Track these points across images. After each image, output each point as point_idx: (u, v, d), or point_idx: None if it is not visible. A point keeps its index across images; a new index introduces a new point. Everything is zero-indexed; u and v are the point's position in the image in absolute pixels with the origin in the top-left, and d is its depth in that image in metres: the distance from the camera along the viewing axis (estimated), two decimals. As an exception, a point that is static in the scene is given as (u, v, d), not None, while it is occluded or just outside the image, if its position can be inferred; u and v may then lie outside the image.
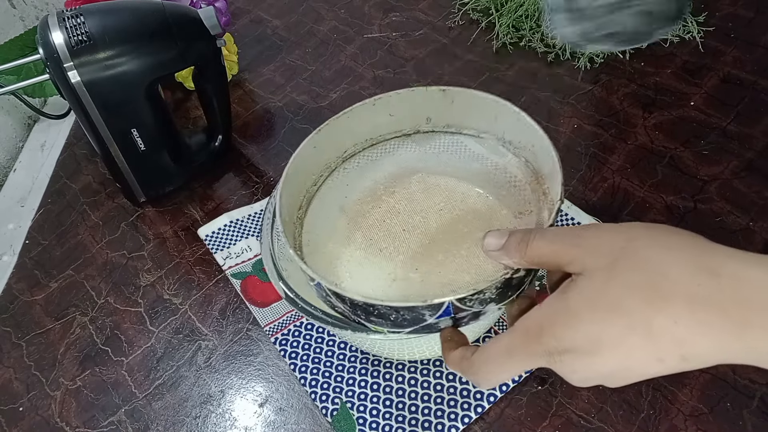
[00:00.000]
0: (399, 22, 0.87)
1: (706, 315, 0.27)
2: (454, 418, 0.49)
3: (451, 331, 0.38)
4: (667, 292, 0.28)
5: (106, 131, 0.61)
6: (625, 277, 0.29)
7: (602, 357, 0.29)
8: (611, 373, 0.30)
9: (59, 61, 0.56)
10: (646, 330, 0.28)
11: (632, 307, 0.29)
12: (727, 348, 0.27)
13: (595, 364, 0.30)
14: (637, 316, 0.28)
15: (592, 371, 0.30)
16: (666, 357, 0.28)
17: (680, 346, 0.28)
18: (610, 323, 0.29)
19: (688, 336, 0.27)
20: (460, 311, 0.37)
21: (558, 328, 0.30)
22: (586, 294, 0.30)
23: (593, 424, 0.47)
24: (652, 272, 0.29)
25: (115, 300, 0.63)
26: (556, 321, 0.31)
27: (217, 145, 0.72)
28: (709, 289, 0.27)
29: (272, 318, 0.57)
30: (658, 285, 0.28)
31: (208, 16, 0.61)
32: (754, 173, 0.60)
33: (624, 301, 0.29)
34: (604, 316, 0.29)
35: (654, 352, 0.28)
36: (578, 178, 0.63)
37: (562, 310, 0.31)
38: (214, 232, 0.65)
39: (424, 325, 0.39)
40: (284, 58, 0.86)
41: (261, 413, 0.53)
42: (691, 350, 0.28)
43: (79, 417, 0.56)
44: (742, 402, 0.46)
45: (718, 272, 0.28)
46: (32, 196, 0.77)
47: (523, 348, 0.32)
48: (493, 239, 0.36)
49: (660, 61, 0.72)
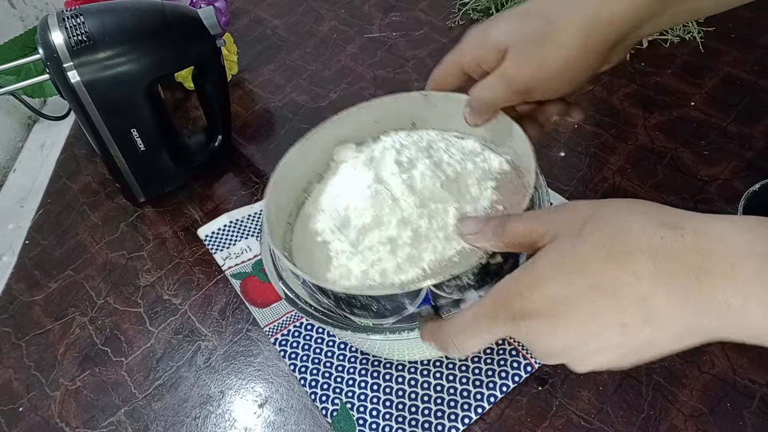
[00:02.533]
0: (399, 22, 0.87)
1: (667, 264, 0.27)
2: (455, 418, 0.49)
3: (428, 313, 0.39)
4: (629, 247, 0.28)
5: (106, 131, 0.61)
6: (590, 239, 0.30)
7: (565, 318, 0.29)
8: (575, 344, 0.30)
9: (59, 61, 0.56)
10: (608, 287, 0.28)
11: (595, 266, 0.29)
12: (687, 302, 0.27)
13: (558, 326, 0.30)
14: (600, 274, 0.29)
15: (556, 337, 0.30)
16: (629, 320, 0.28)
17: (642, 303, 0.28)
18: (573, 282, 0.29)
19: (650, 291, 0.27)
20: (439, 298, 0.38)
21: (523, 290, 0.31)
22: (553, 257, 0.31)
23: (593, 424, 0.47)
24: (615, 231, 0.29)
25: (114, 300, 0.63)
26: (521, 283, 0.31)
27: (217, 145, 0.72)
28: (671, 241, 0.28)
29: (272, 318, 0.57)
30: (620, 241, 0.29)
31: (208, 16, 0.61)
32: (754, 173, 0.60)
33: (587, 261, 0.29)
34: (567, 276, 0.29)
35: (617, 312, 0.28)
36: (579, 178, 0.63)
37: (528, 274, 0.31)
38: (213, 233, 0.65)
39: (406, 315, 0.39)
40: (284, 58, 0.86)
41: (261, 414, 0.53)
42: (653, 308, 0.27)
43: (78, 417, 0.56)
44: (742, 402, 0.46)
45: (680, 226, 0.28)
46: (32, 197, 0.77)
47: (489, 312, 0.32)
48: (471, 223, 0.37)
49: (660, 61, 0.72)
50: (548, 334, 0.30)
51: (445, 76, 0.46)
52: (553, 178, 0.63)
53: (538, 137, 0.46)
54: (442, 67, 0.46)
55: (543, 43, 0.38)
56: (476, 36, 0.42)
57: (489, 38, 0.40)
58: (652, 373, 0.48)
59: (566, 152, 0.66)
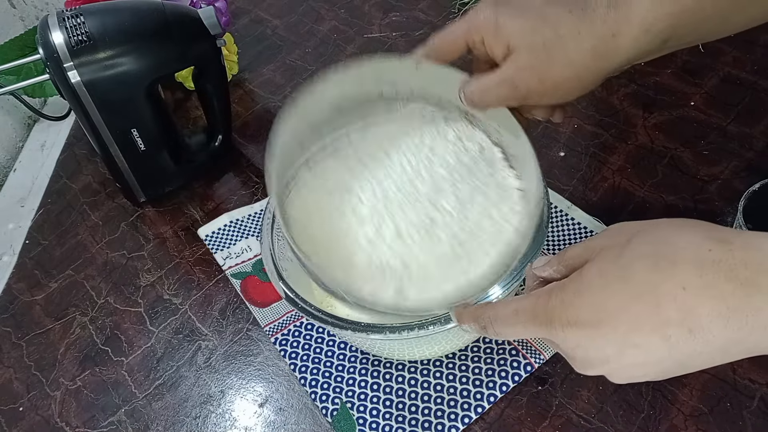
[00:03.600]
0: (399, 22, 0.87)
1: (714, 276, 0.27)
2: (455, 418, 0.49)
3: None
4: (675, 257, 0.28)
5: (106, 131, 0.61)
6: (636, 249, 0.29)
7: (606, 329, 0.29)
8: (615, 355, 0.30)
9: (59, 61, 0.56)
10: (652, 296, 0.28)
11: (640, 275, 0.28)
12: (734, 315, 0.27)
13: (598, 337, 0.29)
14: (644, 283, 0.28)
15: (596, 348, 0.30)
16: (672, 331, 0.28)
17: (687, 314, 0.27)
18: (616, 291, 0.29)
19: (695, 303, 0.27)
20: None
21: (566, 294, 0.30)
22: (598, 266, 0.30)
23: (593, 424, 0.47)
24: (662, 242, 0.29)
25: (115, 300, 0.63)
26: (565, 290, 0.31)
27: (217, 145, 0.72)
28: (719, 253, 0.27)
29: (272, 318, 0.57)
30: (666, 252, 0.28)
31: (208, 16, 0.61)
32: (754, 173, 0.60)
33: (632, 270, 0.29)
34: (611, 285, 0.29)
35: (660, 323, 0.28)
36: (578, 177, 0.63)
37: (573, 282, 0.31)
38: (214, 232, 0.65)
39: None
40: (284, 58, 0.86)
41: (261, 413, 0.53)
42: (698, 319, 0.27)
43: (79, 417, 0.56)
44: (742, 402, 0.46)
45: (729, 240, 0.28)
46: (32, 196, 0.77)
47: (530, 312, 0.32)
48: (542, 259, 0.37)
49: (660, 61, 0.72)
50: (588, 345, 0.30)
51: (450, 44, 0.44)
52: (552, 178, 0.63)
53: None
54: (448, 37, 0.44)
55: (548, 57, 0.38)
56: (489, 21, 0.41)
57: (501, 31, 0.40)
58: (652, 373, 0.48)
59: (566, 152, 0.66)
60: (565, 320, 0.30)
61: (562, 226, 0.58)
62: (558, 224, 0.59)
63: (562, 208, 0.60)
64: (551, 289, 0.32)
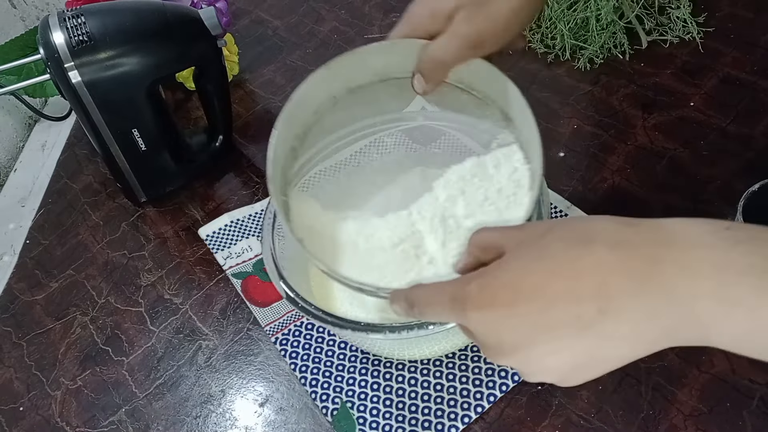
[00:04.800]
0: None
1: (623, 252, 0.28)
2: (454, 417, 0.49)
3: None
4: (591, 237, 0.29)
5: (107, 131, 0.61)
6: (555, 234, 0.30)
7: (521, 308, 0.29)
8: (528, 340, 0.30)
9: (60, 62, 0.56)
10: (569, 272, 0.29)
11: (558, 253, 0.29)
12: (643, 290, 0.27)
13: (512, 317, 0.29)
14: (561, 259, 0.29)
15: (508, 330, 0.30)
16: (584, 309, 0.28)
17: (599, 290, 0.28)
18: (533, 270, 0.30)
19: (607, 279, 0.28)
20: None
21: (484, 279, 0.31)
22: (517, 252, 0.31)
23: (593, 423, 0.47)
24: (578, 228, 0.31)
25: (115, 300, 0.63)
26: (484, 274, 0.31)
27: (218, 146, 0.72)
28: (628, 234, 0.29)
29: (273, 318, 0.58)
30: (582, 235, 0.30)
31: (209, 17, 0.61)
32: (754, 173, 0.60)
33: (550, 249, 0.30)
34: (528, 265, 0.30)
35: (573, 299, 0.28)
36: (578, 178, 0.63)
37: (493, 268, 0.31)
38: (214, 232, 0.65)
39: None
40: (285, 58, 0.86)
41: (261, 413, 0.53)
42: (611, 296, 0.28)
43: (79, 417, 0.56)
44: (742, 402, 0.46)
45: (637, 224, 0.30)
46: (33, 196, 0.77)
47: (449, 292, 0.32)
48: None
49: (660, 61, 0.72)
50: (501, 326, 0.30)
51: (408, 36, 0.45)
52: (552, 179, 0.63)
53: None
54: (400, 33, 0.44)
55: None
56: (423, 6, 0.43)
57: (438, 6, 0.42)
58: (652, 373, 0.49)
59: (565, 152, 0.66)
60: (479, 303, 0.30)
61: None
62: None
63: (561, 209, 0.60)
64: (471, 276, 0.32)
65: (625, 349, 0.29)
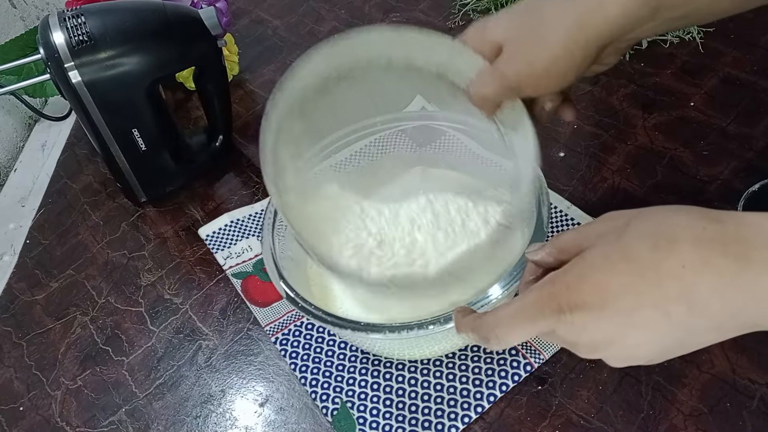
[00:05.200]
0: (399, 22, 0.87)
1: (710, 253, 0.28)
2: (454, 417, 0.49)
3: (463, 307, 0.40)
4: (674, 236, 0.29)
5: (107, 131, 0.61)
6: (636, 231, 0.30)
7: (611, 309, 0.30)
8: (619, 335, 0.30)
9: (60, 61, 0.56)
10: (654, 274, 0.29)
11: (640, 254, 0.29)
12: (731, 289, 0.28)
13: (604, 318, 0.30)
14: (646, 261, 0.29)
15: (601, 328, 0.30)
16: (673, 308, 0.29)
17: (686, 291, 0.28)
18: (619, 271, 0.30)
19: (694, 279, 0.28)
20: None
21: (570, 281, 0.31)
22: (599, 249, 0.31)
23: (593, 423, 0.47)
24: (660, 223, 0.30)
25: (115, 300, 0.63)
26: (568, 275, 0.31)
27: (218, 145, 0.72)
28: (713, 231, 0.29)
29: (273, 318, 0.58)
30: (666, 232, 0.30)
31: (209, 17, 0.61)
32: (754, 173, 0.60)
33: (633, 249, 0.30)
34: (614, 265, 0.30)
35: (661, 299, 0.29)
36: (578, 178, 0.63)
37: (575, 266, 0.31)
38: (214, 232, 0.65)
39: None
40: (285, 58, 0.86)
41: (261, 413, 0.53)
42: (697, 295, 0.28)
43: (79, 417, 0.56)
44: (742, 402, 0.46)
45: (721, 219, 0.29)
46: (33, 196, 0.77)
47: (535, 304, 0.32)
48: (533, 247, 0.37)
49: (660, 61, 0.72)
50: (594, 327, 0.30)
51: None
52: (552, 179, 0.63)
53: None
54: None
55: (533, 41, 0.39)
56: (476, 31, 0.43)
57: (487, 34, 0.42)
58: (652, 373, 0.49)
59: (566, 152, 0.66)
60: (572, 304, 0.30)
61: (561, 226, 0.59)
62: (557, 224, 0.59)
63: (561, 209, 0.60)
64: (553, 277, 0.32)
65: (714, 336, 0.30)
